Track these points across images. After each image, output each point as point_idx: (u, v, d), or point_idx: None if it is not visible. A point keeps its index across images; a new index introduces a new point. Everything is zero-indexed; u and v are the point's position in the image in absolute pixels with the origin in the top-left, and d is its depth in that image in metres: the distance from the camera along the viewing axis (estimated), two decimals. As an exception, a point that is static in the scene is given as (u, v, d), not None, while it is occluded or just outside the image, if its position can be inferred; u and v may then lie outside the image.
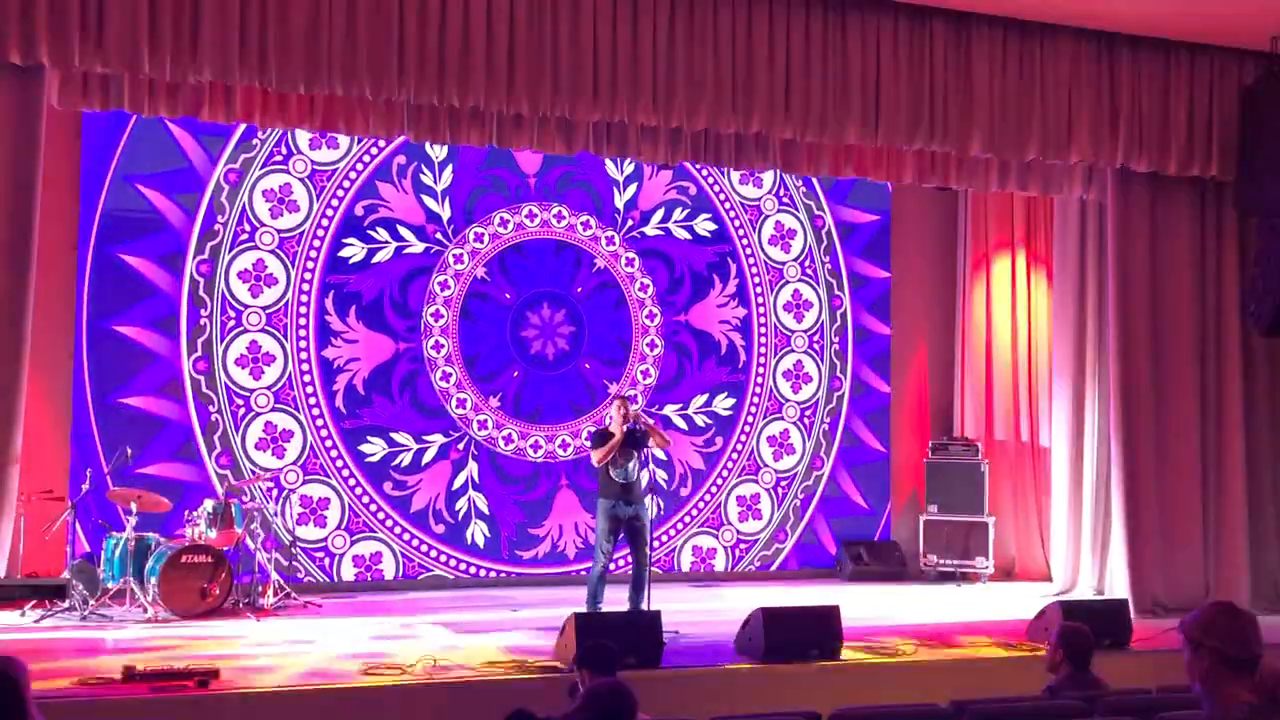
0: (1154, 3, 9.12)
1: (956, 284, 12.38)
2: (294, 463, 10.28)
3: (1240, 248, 10.24)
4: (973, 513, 11.48)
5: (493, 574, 10.76)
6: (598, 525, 8.57)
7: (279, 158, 10.32)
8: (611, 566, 8.67)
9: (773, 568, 11.70)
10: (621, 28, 8.38)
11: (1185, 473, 10.06)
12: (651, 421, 8.83)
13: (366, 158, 10.56)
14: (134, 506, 8.67)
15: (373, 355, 10.56)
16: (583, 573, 9.76)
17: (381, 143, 10.42)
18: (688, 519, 11.44)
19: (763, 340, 11.81)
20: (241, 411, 10.17)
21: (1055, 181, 10.20)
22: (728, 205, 11.75)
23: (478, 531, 10.76)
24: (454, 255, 10.81)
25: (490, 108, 8.25)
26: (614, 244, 11.35)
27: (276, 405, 10.27)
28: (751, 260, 11.80)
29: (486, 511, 10.82)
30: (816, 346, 11.99)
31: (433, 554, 10.62)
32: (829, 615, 7.57)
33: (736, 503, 11.65)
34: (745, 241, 11.79)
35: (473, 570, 10.72)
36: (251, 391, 10.20)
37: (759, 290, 11.82)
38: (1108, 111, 9.64)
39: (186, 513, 8.99)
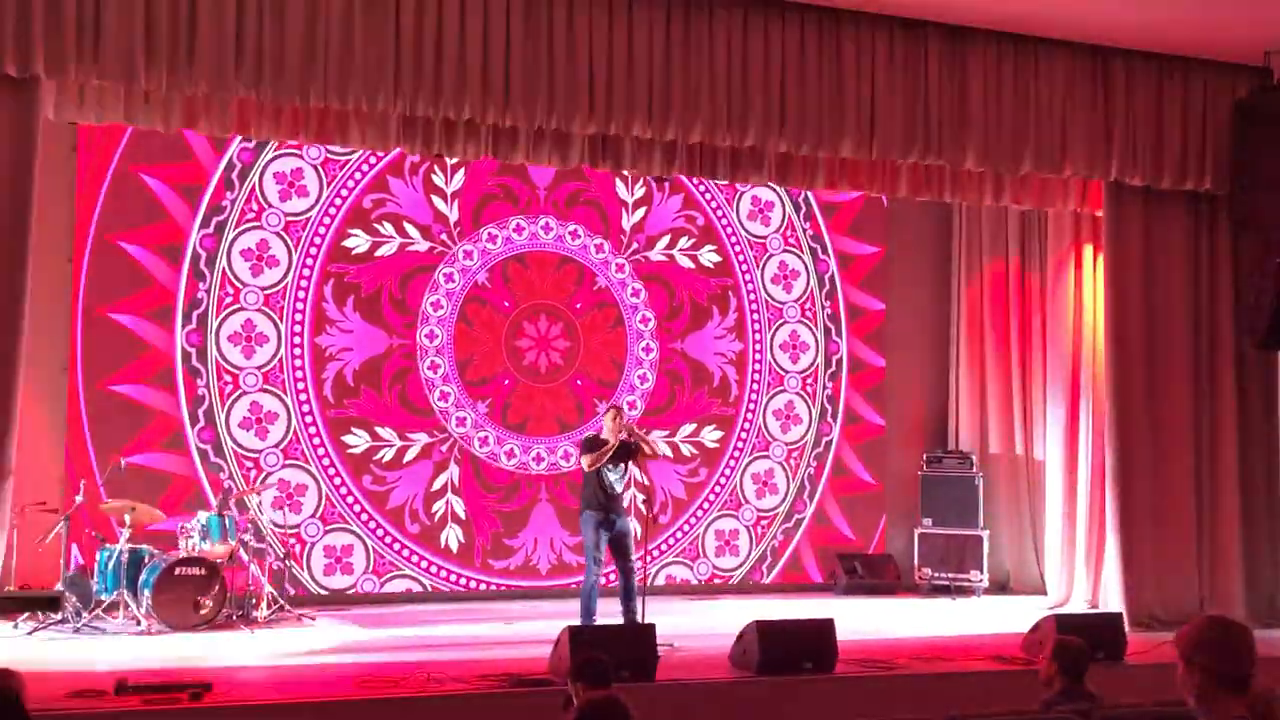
0: (1148, 17, 9.15)
1: (951, 298, 12.39)
2: (275, 446, 10.25)
3: (1234, 261, 10.25)
4: (967, 526, 11.48)
5: (464, 580, 10.70)
6: (585, 538, 8.55)
7: (293, 142, 10.22)
8: (608, 578, 8.66)
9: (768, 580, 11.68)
10: (617, 41, 8.40)
11: (1180, 485, 10.06)
12: (642, 433, 8.83)
13: (381, 151, 10.47)
14: (128, 519, 8.65)
15: (365, 347, 10.54)
16: (575, 586, 9.74)
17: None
18: (664, 547, 11.35)
19: (756, 377, 11.78)
20: (229, 389, 10.14)
21: (1049, 195, 10.22)
22: (734, 239, 11.74)
23: (452, 536, 10.71)
24: (458, 256, 10.80)
25: (485, 121, 8.26)
26: (619, 267, 11.33)
27: (264, 386, 10.25)
28: (752, 297, 11.78)
29: (463, 516, 10.76)
30: (809, 389, 11.95)
31: (405, 553, 10.56)
32: (824, 628, 7.56)
33: (714, 536, 11.59)
34: (748, 277, 11.78)
35: (444, 574, 10.66)
36: (241, 370, 10.19)
37: (757, 327, 11.79)
38: (1102, 125, 9.67)
39: (180, 525, 8.97)
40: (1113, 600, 9.84)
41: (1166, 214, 10.18)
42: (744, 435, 11.71)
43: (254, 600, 8.98)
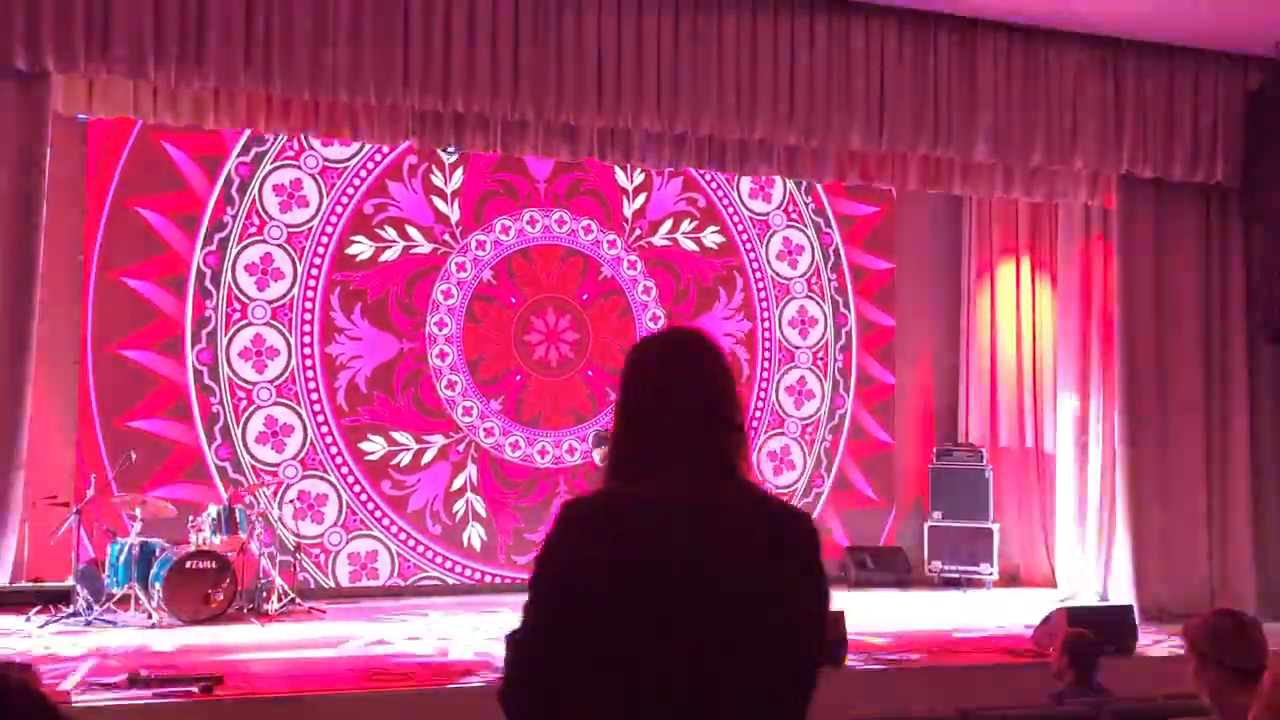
0: (1159, 8, 9.12)
1: (960, 291, 12.37)
2: (293, 458, 10.29)
3: (1246, 254, 10.22)
4: (977, 519, 11.45)
5: (489, 578, 10.74)
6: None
7: (290, 153, 10.35)
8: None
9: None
10: (626, 34, 8.39)
11: (1190, 478, 10.04)
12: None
13: (378, 156, 10.58)
14: (139, 512, 8.68)
15: (376, 353, 10.57)
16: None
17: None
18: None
19: (766, 355, 11.78)
20: (244, 404, 10.19)
21: (1060, 187, 10.19)
22: (736, 219, 11.74)
23: (474, 534, 10.74)
24: (460, 258, 10.82)
25: (494, 113, 8.26)
26: (623, 255, 11.33)
27: (279, 399, 10.28)
28: (758, 275, 11.78)
29: (484, 514, 10.80)
30: (820, 364, 11.95)
31: (429, 555, 10.60)
32: (834, 621, 7.56)
33: None
34: (752, 256, 11.78)
35: (468, 573, 10.69)
36: (254, 385, 10.22)
37: (764, 305, 11.79)
38: (1112, 117, 9.64)
39: (191, 518, 8.99)
40: (1123, 592, 9.82)
41: (1177, 206, 10.14)
42: (758, 414, 11.73)
43: (265, 593, 9.01)
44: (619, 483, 2.04)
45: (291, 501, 10.13)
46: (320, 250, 10.43)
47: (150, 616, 8.40)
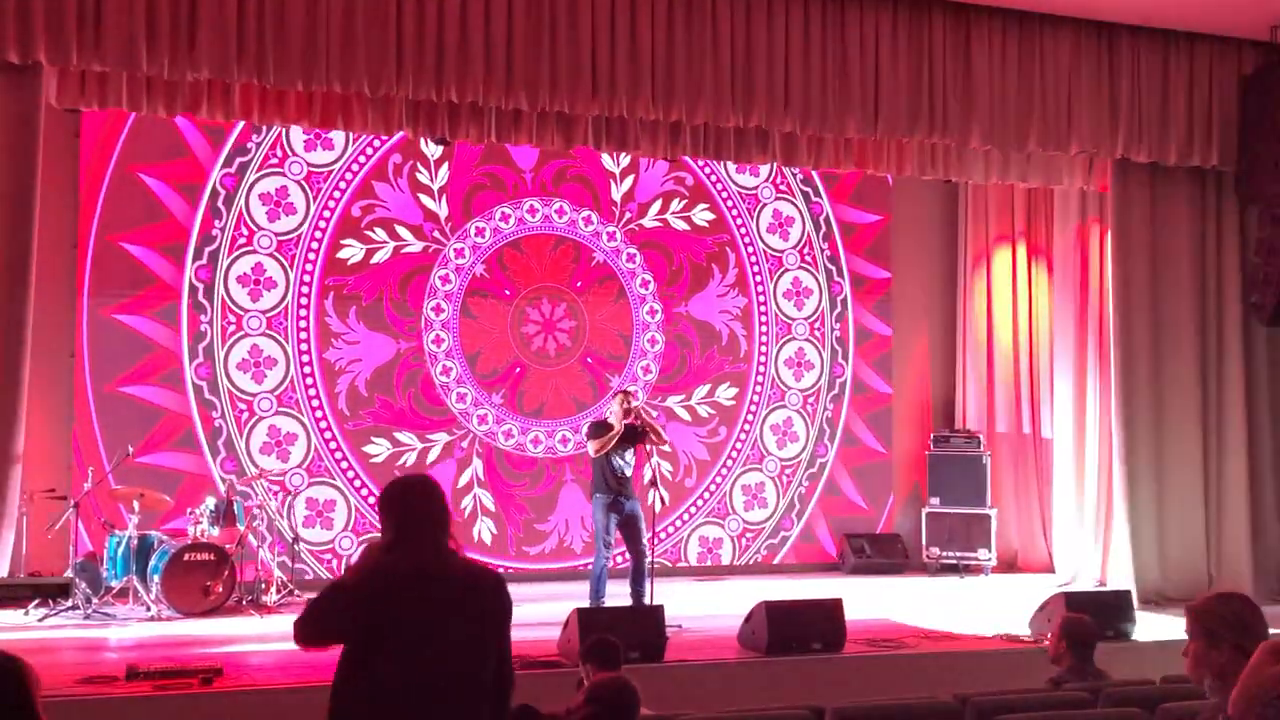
0: (1153, -7, 9.13)
1: (957, 277, 12.37)
2: (299, 465, 10.28)
3: (1241, 237, 10.23)
4: (975, 505, 11.47)
5: (500, 570, 10.72)
6: (595, 520, 8.58)
7: (274, 161, 10.32)
8: (616, 560, 8.68)
9: (777, 560, 11.70)
10: (620, 22, 8.37)
11: (1187, 463, 10.06)
12: (650, 418, 8.80)
13: (362, 158, 10.56)
14: (136, 505, 8.67)
15: (374, 356, 10.56)
16: (589, 567, 9.76)
17: (377, 142, 10.43)
18: (694, 509, 11.44)
19: (764, 329, 11.80)
20: (245, 416, 10.18)
21: (1055, 173, 10.20)
22: (725, 195, 11.73)
23: (484, 529, 10.75)
24: (453, 252, 10.81)
25: (488, 103, 8.24)
26: (614, 239, 11.33)
27: (280, 409, 10.27)
28: (750, 249, 11.79)
29: (492, 508, 10.81)
30: (817, 333, 11.97)
31: None
32: (832, 608, 7.57)
33: (742, 491, 11.65)
34: (743, 230, 11.78)
35: None
36: (254, 396, 10.21)
37: (758, 279, 11.80)
38: (1107, 102, 9.64)
39: (189, 510, 8.98)
40: (1121, 578, 9.84)
41: (1173, 190, 10.15)
42: (759, 388, 11.74)
43: (263, 585, 9.01)
44: (394, 555, 3.53)
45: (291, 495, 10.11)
46: (311, 256, 10.40)
47: (149, 609, 8.41)
